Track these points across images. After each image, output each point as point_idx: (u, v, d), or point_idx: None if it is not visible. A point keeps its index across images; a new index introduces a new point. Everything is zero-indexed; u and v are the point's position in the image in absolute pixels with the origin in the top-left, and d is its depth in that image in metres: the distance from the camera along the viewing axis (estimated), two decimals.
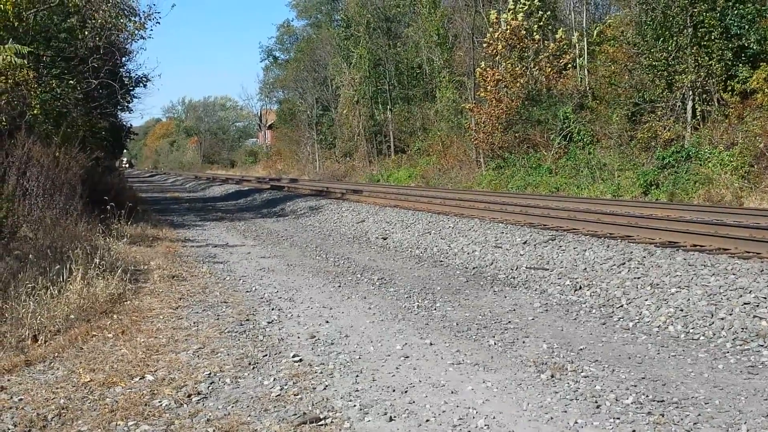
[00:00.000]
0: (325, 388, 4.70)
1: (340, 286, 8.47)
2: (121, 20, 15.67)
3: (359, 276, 9.21)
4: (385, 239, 12.94)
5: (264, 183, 36.40)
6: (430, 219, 13.86)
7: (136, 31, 16.40)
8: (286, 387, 4.71)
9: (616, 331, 6.14)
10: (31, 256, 7.52)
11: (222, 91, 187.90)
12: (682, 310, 6.33)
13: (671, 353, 5.40)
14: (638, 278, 7.49)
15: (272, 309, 7.21)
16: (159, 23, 15.98)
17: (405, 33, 42.69)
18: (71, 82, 14.44)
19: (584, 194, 21.31)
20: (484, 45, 30.77)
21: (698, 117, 20.87)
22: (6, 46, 10.71)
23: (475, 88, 31.72)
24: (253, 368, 5.13)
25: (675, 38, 20.67)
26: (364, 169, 43.63)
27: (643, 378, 4.80)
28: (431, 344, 5.75)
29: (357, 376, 4.96)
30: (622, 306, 6.88)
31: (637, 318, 6.48)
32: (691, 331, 5.93)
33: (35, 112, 11.98)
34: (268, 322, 6.58)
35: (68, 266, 7.22)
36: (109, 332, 6.08)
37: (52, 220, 9.60)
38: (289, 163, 58.37)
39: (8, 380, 4.85)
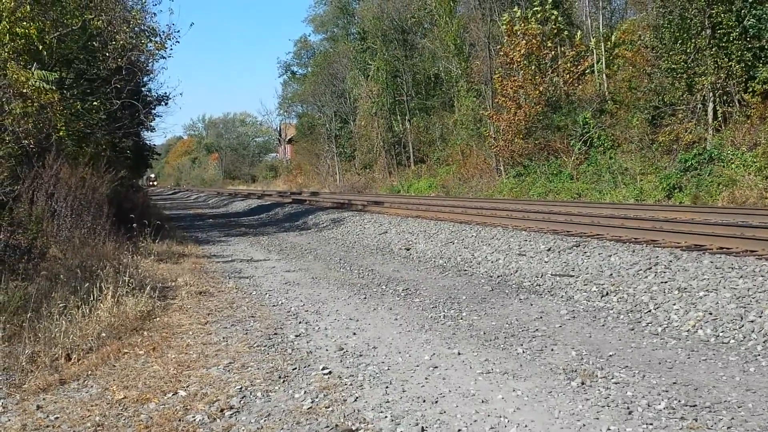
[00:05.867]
0: (355, 400, 4.72)
1: (365, 298, 8.50)
2: (142, 41, 15.87)
3: (384, 287, 9.23)
4: (408, 250, 12.97)
5: (285, 197, 36.58)
6: (453, 228, 13.87)
7: (157, 51, 16.61)
8: (317, 400, 4.74)
9: (645, 336, 6.11)
10: (62, 276, 7.63)
11: (241, 107, 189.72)
12: (711, 314, 6.29)
13: (702, 357, 5.37)
14: (665, 282, 7.45)
15: (299, 322, 7.25)
16: (178, 42, 16.15)
17: (421, 44, 42.84)
18: (95, 103, 14.63)
19: (607, 199, 21.21)
20: (501, 55, 30.79)
21: (719, 118, 20.73)
22: (33, 71, 10.90)
23: (494, 95, 31.73)
24: (284, 382, 5.16)
25: (693, 40, 20.58)
26: (384, 180, 43.73)
27: (674, 383, 4.78)
28: (459, 354, 5.76)
29: (387, 387, 4.97)
30: (650, 311, 6.84)
31: (665, 323, 6.44)
32: (720, 334, 5.89)
33: (61, 133, 12.16)
34: (296, 336, 6.62)
35: (98, 285, 7.32)
36: (140, 349, 6.15)
37: (80, 239, 9.74)
38: (309, 176, 58.69)
39: (44, 399, 4.91)
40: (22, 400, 4.85)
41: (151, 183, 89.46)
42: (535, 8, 29.99)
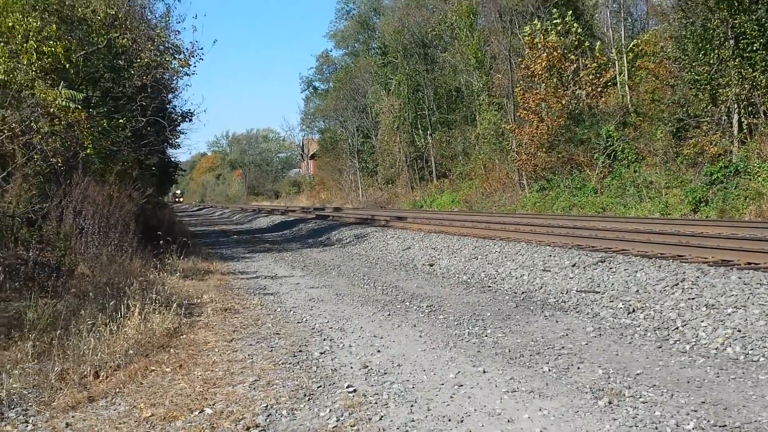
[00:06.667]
0: (380, 419, 4.71)
1: (389, 315, 8.50)
2: (166, 58, 16.09)
3: (408, 304, 9.22)
4: (431, 266, 12.95)
5: (309, 213, 36.71)
6: (476, 244, 13.83)
7: (181, 68, 16.83)
8: (342, 418, 4.73)
9: (673, 354, 6.05)
10: (90, 293, 7.72)
11: (264, 123, 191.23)
12: (739, 331, 6.21)
13: (731, 376, 5.31)
14: (693, 299, 7.37)
15: (324, 339, 7.26)
16: (202, 59, 16.37)
17: (442, 57, 42.94)
18: (121, 120, 14.83)
19: (631, 214, 21.06)
20: (522, 67, 30.79)
21: (745, 130, 20.52)
22: (61, 90, 11.08)
23: (515, 109, 31.70)
24: (309, 400, 5.17)
25: (717, 51, 20.41)
26: (406, 195, 43.78)
27: (703, 402, 4.72)
28: (484, 372, 5.73)
29: (412, 405, 4.96)
30: (677, 328, 6.77)
31: (693, 340, 6.37)
32: (750, 352, 5.81)
33: (88, 151, 12.34)
34: (321, 353, 6.62)
35: (125, 302, 7.40)
36: (167, 366, 6.19)
37: (107, 257, 9.86)
38: (332, 191, 58.89)
39: (72, 416, 4.95)
40: (52, 418, 4.90)
41: (177, 199, 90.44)
42: (556, 20, 29.98)
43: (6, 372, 5.61)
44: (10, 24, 10.83)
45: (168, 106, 21.30)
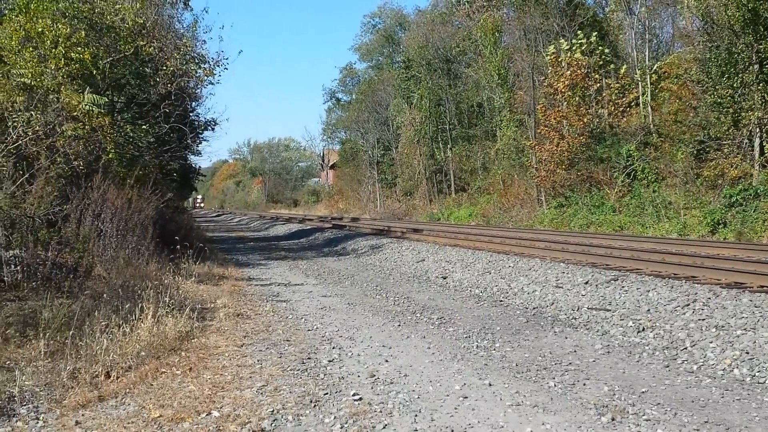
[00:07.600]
0: (384, 428, 4.76)
1: (399, 326, 8.55)
2: (192, 67, 16.30)
3: (419, 315, 9.27)
4: (444, 278, 12.99)
5: (326, 222, 36.83)
6: (490, 258, 13.86)
7: (206, 78, 17.04)
8: (346, 425, 4.79)
9: (680, 373, 6.05)
10: (105, 294, 7.84)
11: (286, 132, 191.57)
12: (747, 353, 6.21)
13: (735, 397, 5.31)
14: (703, 320, 7.36)
15: (333, 347, 7.32)
16: (227, 69, 16.53)
17: (465, 73, 43.03)
18: (144, 126, 15.03)
19: (649, 233, 20.96)
20: (545, 85, 30.79)
21: (766, 154, 20.40)
22: (85, 94, 11.28)
23: (536, 125, 31.69)
24: (314, 406, 5.23)
25: (740, 75, 20.34)
26: (424, 207, 43.82)
27: (706, 422, 4.73)
28: (490, 385, 5.76)
29: (416, 415, 5.00)
30: (686, 348, 6.76)
31: (701, 361, 6.36)
32: (757, 374, 5.80)
33: (110, 156, 12.52)
34: (329, 361, 6.69)
35: (140, 305, 7.50)
36: (177, 369, 6.28)
37: (124, 259, 9.99)
38: (350, 201, 59.00)
39: (82, 415, 5.04)
40: (62, 416, 4.99)
41: (198, 204, 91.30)
42: (581, 40, 29.97)
43: (19, 369, 5.72)
44: (40, 29, 11.06)
45: (191, 114, 21.53)
